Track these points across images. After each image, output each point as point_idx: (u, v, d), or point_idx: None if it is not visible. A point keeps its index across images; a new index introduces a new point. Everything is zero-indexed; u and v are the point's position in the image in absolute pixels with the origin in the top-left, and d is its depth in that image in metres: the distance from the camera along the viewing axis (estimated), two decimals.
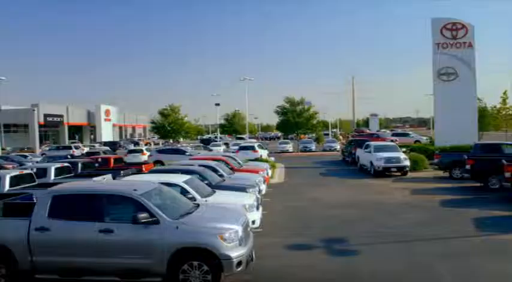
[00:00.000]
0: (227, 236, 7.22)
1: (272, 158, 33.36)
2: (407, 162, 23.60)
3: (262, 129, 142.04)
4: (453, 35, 29.93)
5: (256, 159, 28.91)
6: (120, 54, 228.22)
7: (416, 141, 46.07)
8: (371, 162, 24.38)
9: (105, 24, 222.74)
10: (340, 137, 74.91)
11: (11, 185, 14.24)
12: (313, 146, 51.38)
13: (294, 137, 57.84)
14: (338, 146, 50.04)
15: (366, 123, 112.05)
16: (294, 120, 49.46)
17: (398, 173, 23.67)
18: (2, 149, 52.79)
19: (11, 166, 30.44)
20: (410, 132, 59.19)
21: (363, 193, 18.33)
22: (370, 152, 25.14)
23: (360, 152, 28.44)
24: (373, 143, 26.83)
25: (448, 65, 29.94)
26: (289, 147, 51.14)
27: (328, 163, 34.18)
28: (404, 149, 28.34)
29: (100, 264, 7.47)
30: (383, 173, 23.41)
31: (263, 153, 36.16)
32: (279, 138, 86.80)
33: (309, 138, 62.76)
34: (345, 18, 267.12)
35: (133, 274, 7.42)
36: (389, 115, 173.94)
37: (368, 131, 77.24)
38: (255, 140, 57.85)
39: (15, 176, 14.78)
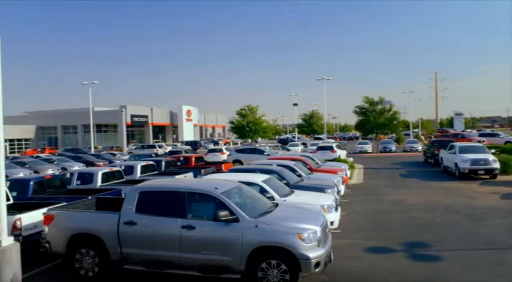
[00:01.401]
0: (306, 236, 7.22)
1: (351, 159, 32.77)
2: (496, 165, 22.12)
3: (341, 129, 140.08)
4: None
5: (334, 160, 28.60)
6: (201, 56, 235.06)
7: (507, 142, 42.94)
8: (456, 164, 23.19)
9: (187, 26, 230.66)
10: (422, 138, 71.99)
11: (102, 181, 15.23)
12: (393, 147, 49.84)
13: (373, 137, 56.37)
14: (420, 147, 48.15)
15: (450, 123, 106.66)
16: (375, 121, 48.21)
17: (487, 176, 22.29)
18: (94, 148, 56.48)
19: (101, 164, 32.62)
20: (499, 133, 55.32)
21: (447, 196, 17.46)
22: (454, 153, 23.91)
23: (443, 153, 27.16)
24: (457, 144, 25.48)
25: None
26: (368, 147, 49.96)
27: (409, 164, 32.95)
28: (493, 150, 26.64)
29: (182, 258, 7.77)
30: (469, 175, 22.17)
31: (341, 153, 35.65)
32: (357, 138, 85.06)
33: (389, 138, 60.93)
34: (424, 13, 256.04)
35: (213, 270, 7.63)
36: (475, 114, 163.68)
37: (452, 131, 73.47)
38: (333, 140, 57.18)
39: (106, 173, 15.82)
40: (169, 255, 7.84)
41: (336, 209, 11.38)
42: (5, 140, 10.68)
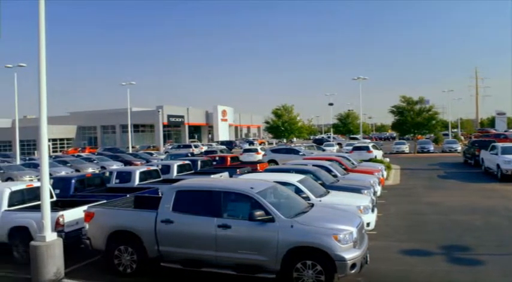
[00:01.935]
0: (342, 237, 7.16)
1: (387, 159, 32.27)
2: None
3: (377, 129, 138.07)
4: None
5: (370, 160, 28.19)
6: (237, 56, 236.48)
7: None
8: (497, 165, 22.41)
9: (224, 25, 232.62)
10: (462, 138, 70.04)
11: (140, 180, 15.56)
12: (431, 147, 48.63)
13: (410, 137, 55.26)
14: (459, 147, 46.83)
15: (491, 122, 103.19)
16: (412, 121, 47.25)
17: None
18: (132, 147, 57.70)
19: (139, 163, 33.31)
20: None
21: (488, 199, 16.89)
22: (496, 154, 23.11)
23: (484, 154, 26.33)
24: (500, 144, 24.61)
25: None
26: (406, 148, 49.00)
27: (448, 165, 32.11)
28: None
29: (217, 257, 7.85)
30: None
31: (378, 153, 35.15)
32: (394, 138, 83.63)
33: (426, 138, 59.62)
34: (465, 12, 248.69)
35: (248, 269, 7.67)
36: None
37: (494, 131, 71.07)
38: (369, 140, 56.44)
39: (143, 172, 16.15)
40: (205, 253, 7.94)
41: (372, 210, 11.24)
42: (49, 140, 11.16)
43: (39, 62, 8.86)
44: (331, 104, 72.93)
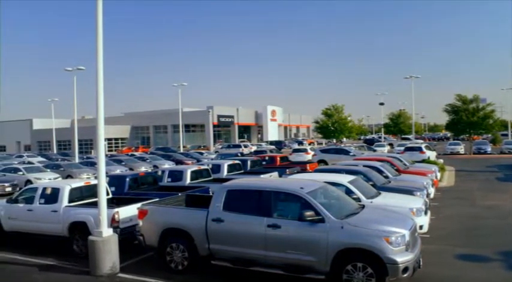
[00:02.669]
0: (393, 240, 7.01)
1: (441, 160, 31.24)
2: None
3: (430, 129, 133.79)
4: None
5: (423, 161, 27.42)
6: (286, 56, 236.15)
7: None
8: None
9: (273, 25, 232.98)
10: None
11: (191, 179, 15.87)
12: (488, 148, 46.58)
13: (465, 137, 53.20)
14: None
15: None
16: (467, 120, 45.47)
17: None
18: (183, 147, 58.91)
19: (190, 162, 33.97)
20: None
21: None
22: None
23: None
24: None
25: None
26: (460, 148, 47.19)
27: (507, 167, 30.61)
28: None
29: (267, 256, 7.88)
30: None
31: (431, 154, 34.13)
32: (448, 138, 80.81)
33: (483, 138, 57.20)
34: None
35: (297, 269, 7.65)
36: None
37: None
38: (421, 141, 54.87)
39: (195, 171, 16.45)
40: (255, 253, 8.00)
41: (426, 213, 10.92)
42: (105, 139, 11.64)
43: (96, 66, 9.25)
44: (382, 104, 71.43)
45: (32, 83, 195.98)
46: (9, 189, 22.56)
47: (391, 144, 57.18)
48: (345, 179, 11.62)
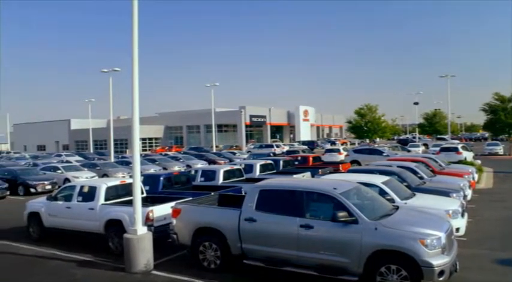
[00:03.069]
0: (429, 242, 6.87)
1: (478, 161, 30.36)
2: None
3: (466, 129, 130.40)
4: None
5: (459, 162, 26.75)
6: (318, 56, 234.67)
7: None
8: None
9: (306, 26, 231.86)
10: None
11: (223, 179, 15.97)
12: None
13: (504, 137, 51.55)
14: None
15: None
16: (506, 120, 44.04)
17: None
18: (216, 146, 59.36)
19: (222, 162, 34.21)
20: None
21: None
22: None
23: None
24: None
25: None
26: (499, 149, 45.68)
27: None
28: None
29: (299, 257, 7.86)
30: None
31: (468, 155, 33.21)
32: (485, 139, 78.52)
33: None
34: None
35: (330, 270, 7.60)
36: None
37: None
38: (457, 141, 53.51)
39: (227, 171, 16.55)
40: (287, 253, 7.99)
41: (462, 215, 10.66)
42: (139, 139, 11.88)
43: (132, 67, 9.44)
44: (416, 103, 69.89)
45: (70, 84, 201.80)
46: (49, 187, 23.32)
47: (425, 145, 55.94)
48: (378, 179, 11.47)
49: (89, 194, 11.50)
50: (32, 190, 22.97)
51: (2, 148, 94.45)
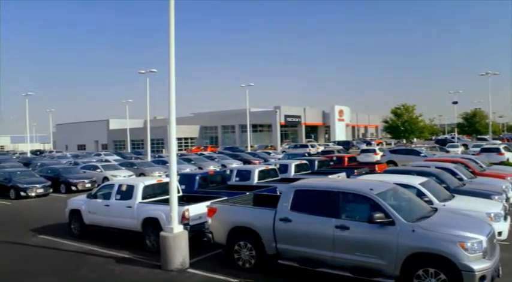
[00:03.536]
0: (469, 246, 6.68)
1: None
2: None
3: (508, 130, 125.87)
4: None
5: (501, 163, 25.90)
6: (354, 55, 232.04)
7: None
8: None
9: (344, 25, 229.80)
10: None
11: (258, 178, 16.00)
12: None
13: None
14: None
15: None
16: None
17: None
18: (250, 146, 59.57)
19: (257, 162, 34.27)
20: None
21: None
22: None
23: None
24: None
25: None
26: None
27: None
28: None
29: (334, 258, 7.80)
30: None
31: (510, 156, 32.09)
32: None
33: None
34: None
35: (365, 272, 7.51)
36: None
37: None
38: (499, 141, 51.79)
39: (262, 171, 16.57)
40: (322, 253, 7.94)
41: (505, 218, 10.29)
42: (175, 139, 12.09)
43: (168, 68, 9.59)
44: (455, 103, 68.08)
45: (108, 85, 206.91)
46: (88, 185, 23.98)
47: (465, 145, 54.41)
48: (416, 180, 11.23)
49: (126, 193, 11.76)
50: (73, 188, 23.70)
51: (45, 147, 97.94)
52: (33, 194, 22.13)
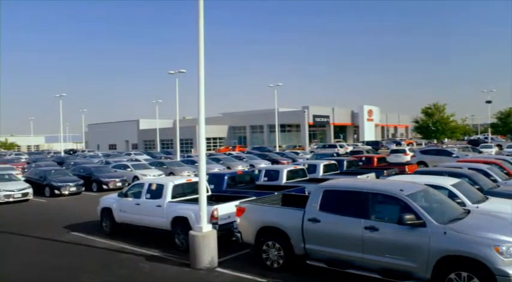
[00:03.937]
0: (504, 250, 6.47)
1: None
2: None
3: None
4: None
5: None
6: (382, 55, 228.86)
7: None
8: None
9: (372, 25, 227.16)
10: None
11: (287, 178, 15.98)
12: None
13: None
14: None
15: None
16: None
17: None
18: (279, 146, 59.53)
19: (286, 162, 34.22)
20: None
21: None
22: None
23: None
24: None
25: None
26: None
27: None
28: None
29: (363, 259, 7.73)
30: None
31: None
32: None
33: None
34: None
35: (395, 274, 7.39)
36: None
37: None
38: None
39: (291, 171, 16.54)
40: (351, 254, 7.88)
41: None
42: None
43: (198, 69, 9.68)
44: (489, 102, 66.28)
45: (139, 86, 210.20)
46: (119, 184, 24.44)
47: (499, 146, 52.94)
48: (447, 181, 10.99)
49: (156, 192, 11.92)
50: (104, 187, 24.21)
51: (78, 147, 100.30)
52: (66, 192, 22.74)
